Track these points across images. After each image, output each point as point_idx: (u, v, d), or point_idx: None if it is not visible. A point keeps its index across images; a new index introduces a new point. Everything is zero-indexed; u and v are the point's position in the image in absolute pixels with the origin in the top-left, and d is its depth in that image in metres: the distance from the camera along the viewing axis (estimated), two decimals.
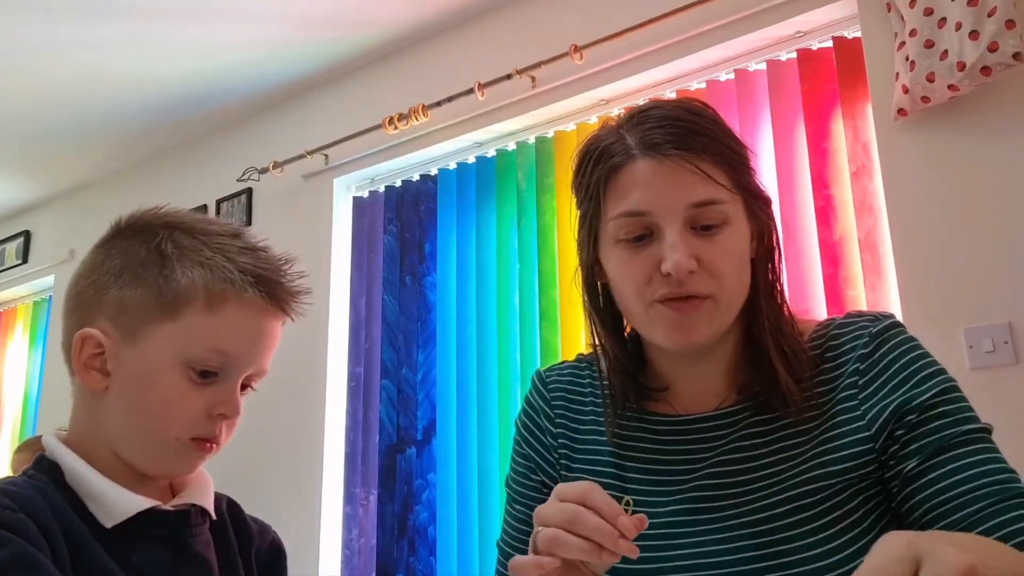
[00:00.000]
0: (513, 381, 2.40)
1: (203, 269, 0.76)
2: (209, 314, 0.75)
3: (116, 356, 0.75)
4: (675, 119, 0.80)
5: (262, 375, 0.80)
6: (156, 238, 0.77)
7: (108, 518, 0.72)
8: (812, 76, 2.08)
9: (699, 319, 0.78)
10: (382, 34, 2.79)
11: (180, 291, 0.75)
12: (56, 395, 3.66)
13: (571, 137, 2.48)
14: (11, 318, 4.19)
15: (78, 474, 0.73)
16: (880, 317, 0.83)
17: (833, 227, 1.98)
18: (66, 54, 2.81)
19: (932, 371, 0.78)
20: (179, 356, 0.74)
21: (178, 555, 0.75)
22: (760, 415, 0.82)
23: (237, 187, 3.20)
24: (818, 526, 0.75)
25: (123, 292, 0.76)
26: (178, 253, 0.76)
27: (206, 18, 2.64)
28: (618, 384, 0.87)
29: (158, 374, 0.74)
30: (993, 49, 1.62)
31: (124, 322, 0.75)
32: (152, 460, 0.76)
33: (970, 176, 1.75)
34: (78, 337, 0.76)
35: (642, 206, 0.78)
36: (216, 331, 0.75)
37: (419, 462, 2.55)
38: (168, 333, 0.74)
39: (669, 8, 2.16)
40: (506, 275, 2.50)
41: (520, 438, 0.95)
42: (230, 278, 0.76)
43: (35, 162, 3.65)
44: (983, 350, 1.67)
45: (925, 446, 0.74)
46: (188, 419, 0.75)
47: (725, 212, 0.78)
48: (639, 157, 0.79)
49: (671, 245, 0.77)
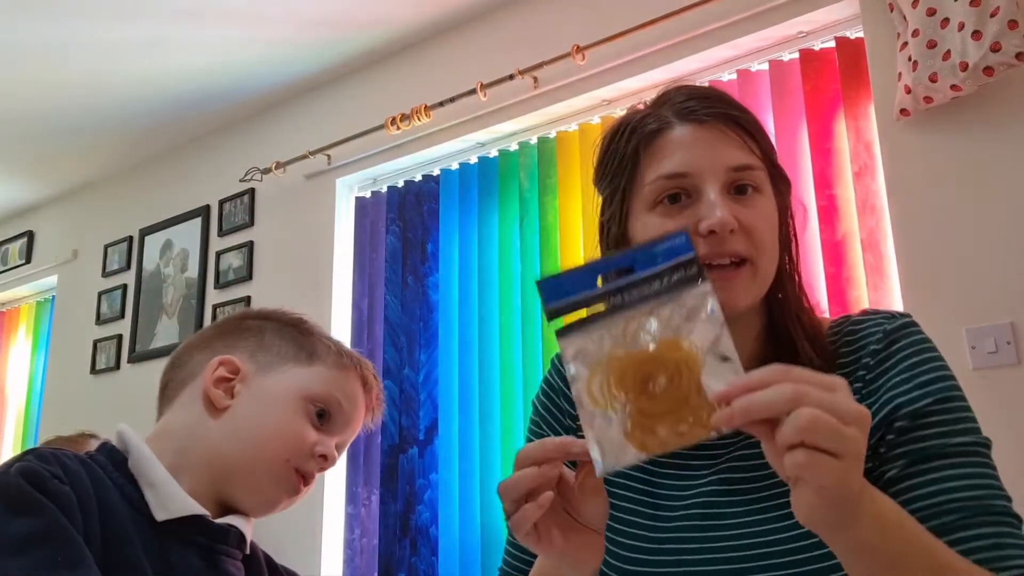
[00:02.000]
0: (515, 381, 2.40)
1: (332, 344, 0.90)
2: (336, 371, 0.88)
3: (248, 381, 0.85)
4: (706, 92, 0.83)
5: (343, 447, 0.91)
6: (289, 317, 0.92)
7: (161, 510, 0.75)
8: (815, 76, 2.07)
9: (737, 285, 0.78)
10: (384, 34, 2.79)
11: (316, 348, 0.89)
12: (59, 396, 3.67)
13: (573, 137, 2.48)
14: (14, 318, 4.19)
15: (144, 460, 0.78)
16: (896, 315, 0.82)
17: (835, 227, 1.98)
18: (69, 55, 2.81)
19: (935, 376, 0.76)
20: (304, 391, 0.85)
21: (210, 568, 0.78)
22: None
23: (240, 187, 3.20)
24: None
25: (263, 339, 0.89)
26: (312, 331, 0.91)
27: (209, 18, 2.65)
28: None
29: (284, 402, 0.84)
30: (996, 49, 1.62)
31: (262, 358, 0.87)
32: (251, 482, 0.82)
33: (973, 176, 1.75)
34: (217, 359, 0.85)
35: (683, 167, 0.79)
36: (338, 383, 0.88)
37: (421, 462, 2.55)
38: (299, 374, 0.86)
39: (671, 8, 2.16)
40: (508, 275, 2.50)
41: (538, 418, 0.94)
42: (352, 357, 0.91)
43: (38, 162, 3.66)
44: (985, 350, 1.67)
45: (910, 453, 0.73)
46: (298, 448, 0.83)
47: (758, 179, 0.80)
48: (676, 124, 0.81)
49: (711, 203, 0.77)
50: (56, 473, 0.69)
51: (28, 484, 0.66)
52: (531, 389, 2.36)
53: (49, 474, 0.68)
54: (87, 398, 3.48)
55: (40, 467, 0.68)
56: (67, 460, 0.72)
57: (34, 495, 0.66)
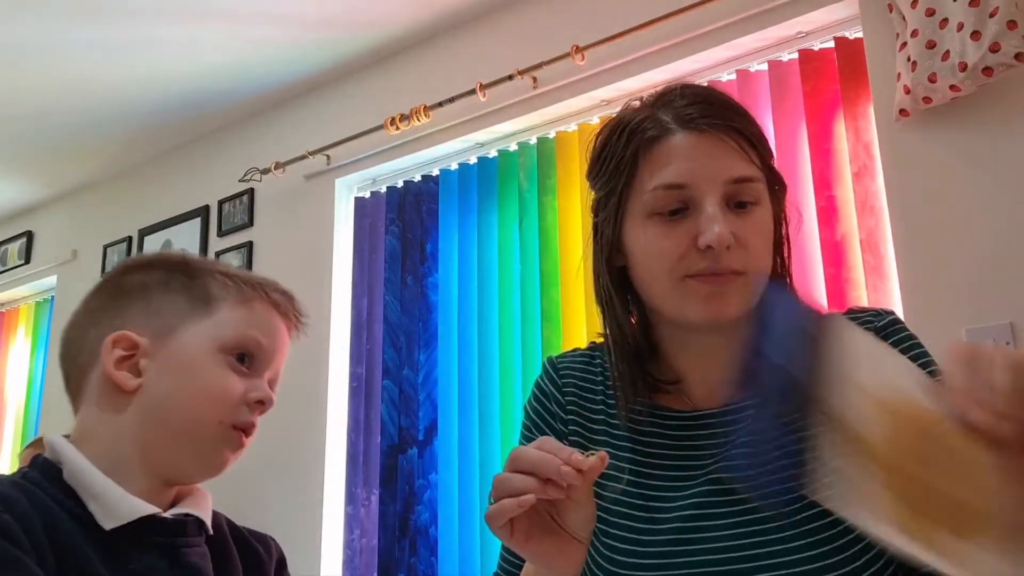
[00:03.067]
0: (515, 381, 2.40)
1: (227, 278, 0.83)
2: (241, 307, 0.82)
3: (152, 354, 0.78)
4: (707, 97, 0.81)
5: (276, 380, 0.85)
6: (175, 260, 0.85)
7: (108, 519, 0.71)
8: (814, 76, 2.07)
9: (732, 293, 0.78)
10: (384, 34, 2.79)
11: (212, 293, 0.81)
12: (58, 396, 3.65)
13: (573, 138, 2.48)
14: (13, 318, 4.19)
15: (80, 471, 0.73)
16: (883, 313, 0.83)
17: (835, 227, 1.98)
18: (68, 55, 2.81)
19: (930, 371, 0.78)
20: (217, 342, 0.79)
21: (174, 566, 0.75)
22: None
23: (239, 187, 3.20)
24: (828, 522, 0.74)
25: (150, 302, 0.81)
26: (200, 270, 0.83)
27: (207, 19, 2.65)
28: (627, 372, 0.86)
29: (198, 363, 0.78)
30: (995, 49, 1.62)
31: (158, 323, 0.80)
32: (191, 453, 0.78)
33: (972, 176, 1.75)
34: (110, 339, 0.78)
35: (682, 178, 0.78)
36: (248, 320, 0.82)
37: (421, 462, 2.55)
38: (203, 329, 0.80)
39: (671, 9, 2.16)
40: (508, 275, 2.50)
41: (529, 423, 0.94)
42: (253, 284, 0.84)
43: (37, 162, 3.65)
44: None
45: None
46: (228, 404, 0.78)
47: (758, 191, 0.79)
48: (677, 131, 0.79)
49: (710, 217, 0.76)
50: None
51: None
52: (531, 389, 2.35)
53: None
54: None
55: None
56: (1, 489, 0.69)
57: None
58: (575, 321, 2.32)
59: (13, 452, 3.93)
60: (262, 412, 0.81)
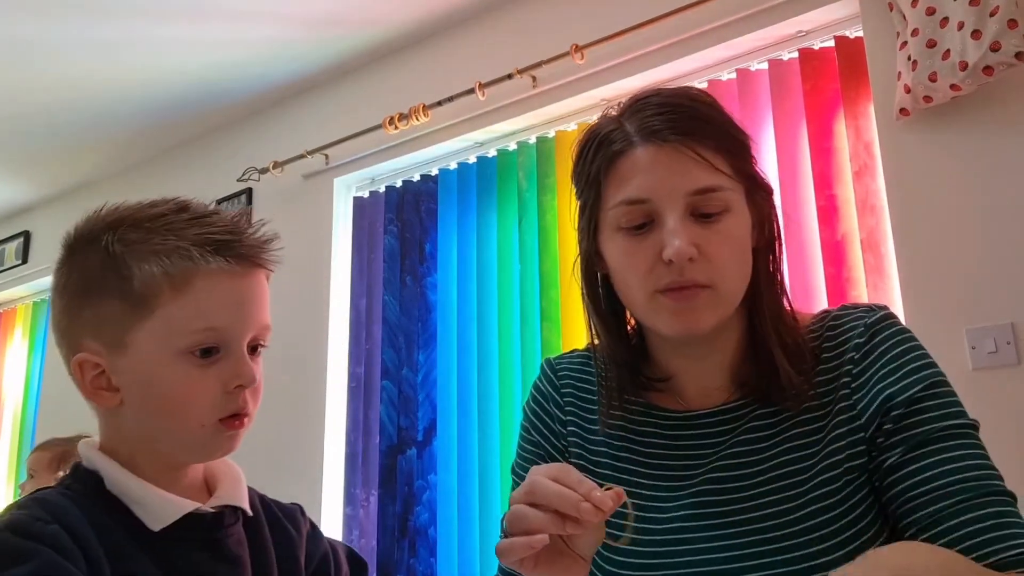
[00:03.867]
0: (514, 381, 2.40)
1: (156, 256, 0.73)
2: (180, 298, 0.72)
3: (115, 370, 0.74)
4: (674, 106, 0.79)
5: (266, 332, 0.78)
6: (102, 243, 0.75)
7: (156, 521, 0.72)
8: (814, 76, 2.07)
9: (700, 307, 0.78)
10: (382, 33, 2.78)
11: (144, 287, 0.72)
12: (56, 396, 3.65)
13: (572, 137, 2.47)
14: (10, 319, 4.18)
15: (119, 480, 0.73)
16: (874, 308, 0.83)
17: (835, 227, 1.97)
18: (66, 54, 2.80)
19: (921, 364, 0.78)
20: (171, 348, 0.73)
21: (216, 556, 0.76)
22: (764, 410, 0.82)
23: (237, 187, 3.19)
24: (823, 520, 0.75)
25: (94, 308, 0.74)
26: (127, 251, 0.74)
27: (205, 17, 2.64)
28: (615, 376, 0.87)
29: (161, 373, 0.73)
30: (995, 48, 1.61)
31: (107, 335, 0.74)
32: (191, 451, 0.76)
33: (973, 176, 1.75)
34: (75, 364, 0.75)
35: (642, 193, 0.78)
36: (194, 311, 0.73)
37: (420, 463, 2.55)
38: (152, 331, 0.73)
39: (670, 7, 2.16)
40: (507, 275, 2.50)
41: (528, 424, 0.94)
42: (186, 255, 0.73)
43: (35, 162, 3.65)
44: (985, 351, 1.66)
45: (908, 439, 0.75)
46: (208, 403, 0.73)
47: (726, 199, 0.78)
48: (639, 144, 0.79)
49: (671, 231, 0.76)
50: (39, 515, 0.67)
51: (14, 535, 0.65)
52: (530, 390, 2.35)
53: (32, 518, 0.66)
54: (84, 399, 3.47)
55: (21, 515, 0.67)
56: (49, 497, 0.70)
57: (21, 543, 0.64)
58: (574, 321, 2.32)
59: (11, 450, 3.93)
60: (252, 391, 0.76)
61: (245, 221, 0.79)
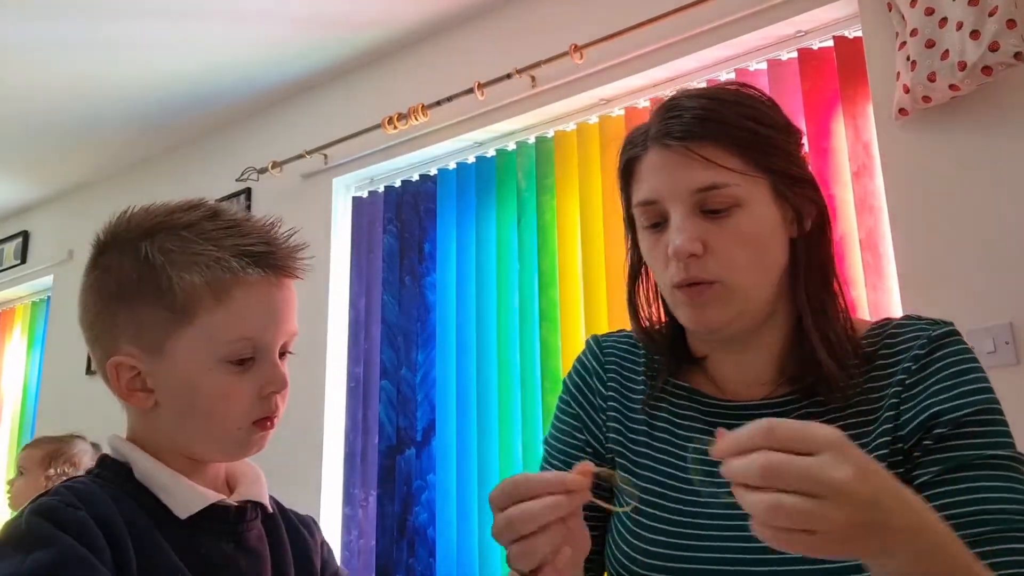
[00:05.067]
0: (513, 381, 2.39)
1: (197, 267, 0.75)
2: (221, 308, 0.75)
3: (153, 374, 0.76)
4: (691, 108, 0.82)
5: (294, 338, 0.82)
6: (140, 251, 0.77)
7: (183, 509, 0.75)
8: (813, 75, 2.07)
9: (710, 303, 0.79)
10: (382, 34, 2.78)
11: (186, 297, 0.75)
12: (55, 395, 3.65)
13: (571, 137, 2.48)
14: (9, 318, 4.18)
15: (149, 469, 0.76)
16: (940, 322, 0.82)
17: (834, 227, 1.97)
18: (64, 54, 2.80)
19: (976, 387, 0.77)
20: (210, 357, 0.75)
21: (238, 548, 0.78)
22: (811, 408, 0.82)
23: (236, 187, 3.19)
24: None
25: (132, 313, 0.76)
26: (168, 260, 0.76)
27: (205, 18, 2.64)
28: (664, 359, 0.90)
29: (199, 379, 0.75)
30: (994, 48, 1.61)
31: (146, 341, 0.76)
32: (223, 452, 0.80)
33: (971, 176, 1.75)
34: (111, 367, 0.77)
35: (651, 195, 0.82)
36: (234, 321, 0.76)
37: (418, 463, 2.55)
38: (192, 339, 0.75)
39: (669, 7, 2.15)
40: (506, 275, 2.49)
41: (568, 396, 0.95)
42: (227, 266, 0.76)
43: (34, 162, 3.64)
44: (984, 350, 1.66)
45: (946, 460, 0.74)
46: (244, 408, 0.77)
47: (734, 195, 0.79)
48: (651, 148, 0.83)
49: (674, 229, 0.80)
50: (69, 500, 0.69)
51: (40, 519, 0.67)
52: (529, 389, 2.35)
53: (62, 503, 0.69)
54: (82, 398, 3.46)
55: (51, 500, 0.69)
56: (79, 485, 0.73)
57: (44, 527, 0.66)
58: (573, 321, 2.32)
59: (9, 450, 3.92)
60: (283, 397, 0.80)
61: (277, 230, 0.82)
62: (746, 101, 0.83)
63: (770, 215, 0.81)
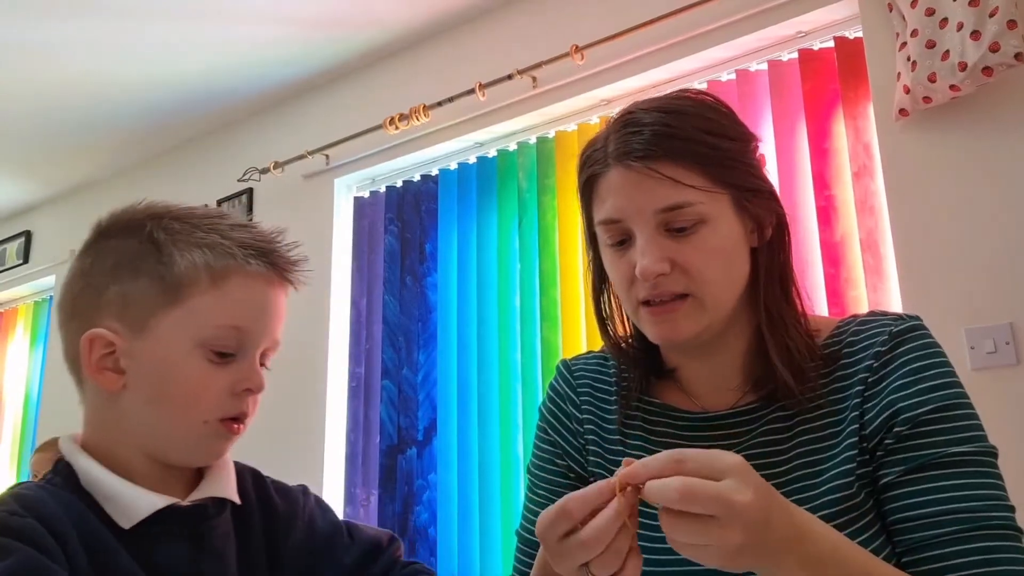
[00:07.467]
0: (514, 381, 2.40)
1: (201, 249, 0.75)
2: (215, 292, 0.74)
3: (129, 352, 0.74)
4: (649, 124, 0.80)
5: (275, 348, 0.79)
6: (145, 229, 0.76)
7: (124, 519, 0.71)
8: (813, 76, 2.07)
9: (680, 317, 0.79)
10: (383, 34, 2.79)
11: (182, 274, 0.74)
12: (57, 395, 3.66)
13: (572, 137, 2.48)
14: (12, 318, 4.19)
15: (92, 476, 0.73)
16: (904, 317, 0.82)
17: (834, 227, 1.98)
18: (66, 54, 2.81)
19: (940, 383, 0.76)
20: (193, 340, 0.73)
21: (199, 550, 0.74)
22: (778, 413, 0.82)
23: (238, 187, 3.20)
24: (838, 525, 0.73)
25: (123, 287, 0.74)
26: (171, 239, 0.75)
27: (206, 18, 2.64)
28: (633, 376, 0.89)
29: (176, 362, 0.73)
30: (995, 49, 1.62)
31: (130, 316, 0.74)
32: (183, 449, 0.75)
33: (972, 176, 1.75)
34: (86, 339, 0.74)
35: (615, 214, 0.81)
36: (225, 307, 0.74)
37: (420, 462, 2.55)
38: (178, 319, 0.73)
39: (670, 8, 2.16)
40: (507, 275, 2.50)
41: (545, 424, 0.94)
42: (230, 252, 0.75)
43: (36, 162, 3.65)
44: (984, 351, 1.67)
45: (907, 460, 0.74)
46: (214, 400, 0.74)
47: (699, 212, 0.78)
48: (612, 166, 0.81)
49: (640, 250, 0.79)
50: (13, 509, 0.66)
51: None
52: (530, 389, 2.36)
53: (7, 513, 0.66)
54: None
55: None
56: (25, 492, 0.70)
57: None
58: (574, 321, 2.32)
59: (12, 451, 3.93)
60: (253, 398, 0.77)
61: (283, 237, 0.82)
62: (704, 113, 0.82)
63: (733, 229, 0.81)
